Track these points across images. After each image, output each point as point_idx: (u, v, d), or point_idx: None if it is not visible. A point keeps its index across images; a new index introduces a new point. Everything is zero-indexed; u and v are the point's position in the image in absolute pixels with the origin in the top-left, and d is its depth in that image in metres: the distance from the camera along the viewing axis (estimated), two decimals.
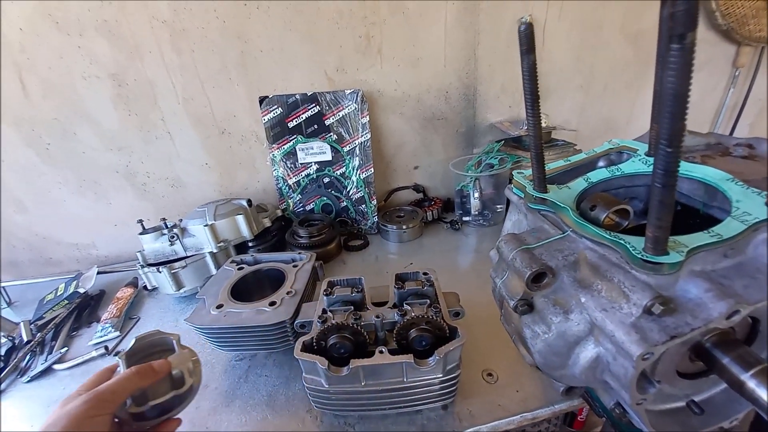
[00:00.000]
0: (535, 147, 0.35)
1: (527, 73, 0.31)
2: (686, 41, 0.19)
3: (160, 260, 0.83)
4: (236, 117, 0.98)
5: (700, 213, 0.37)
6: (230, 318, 0.60)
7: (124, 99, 0.90)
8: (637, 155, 0.42)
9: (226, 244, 0.86)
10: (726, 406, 0.34)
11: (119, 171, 0.98)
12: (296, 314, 0.59)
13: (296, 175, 1.04)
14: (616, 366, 0.28)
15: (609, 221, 0.34)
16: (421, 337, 0.50)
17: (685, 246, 0.27)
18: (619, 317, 0.27)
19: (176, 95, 0.92)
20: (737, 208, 0.30)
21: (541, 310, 0.33)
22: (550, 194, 0.38)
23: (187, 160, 1.00)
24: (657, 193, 0.24)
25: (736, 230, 0.27)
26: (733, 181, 0.33)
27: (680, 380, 0.33)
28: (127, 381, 0.38)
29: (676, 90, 0.20)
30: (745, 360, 0.27)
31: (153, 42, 0.86)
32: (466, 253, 0.97)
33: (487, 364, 0.61)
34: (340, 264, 0.97)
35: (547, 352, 0.33)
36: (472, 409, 0.55)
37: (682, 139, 0.21)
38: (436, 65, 1.03)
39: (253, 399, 0.59)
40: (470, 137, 1.17)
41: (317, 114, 0.99)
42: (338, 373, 0.48)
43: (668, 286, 0.27)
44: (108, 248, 1.07)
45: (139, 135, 0.95)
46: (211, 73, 0.92)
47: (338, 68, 0.98)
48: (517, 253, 0.33)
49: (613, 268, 0.29)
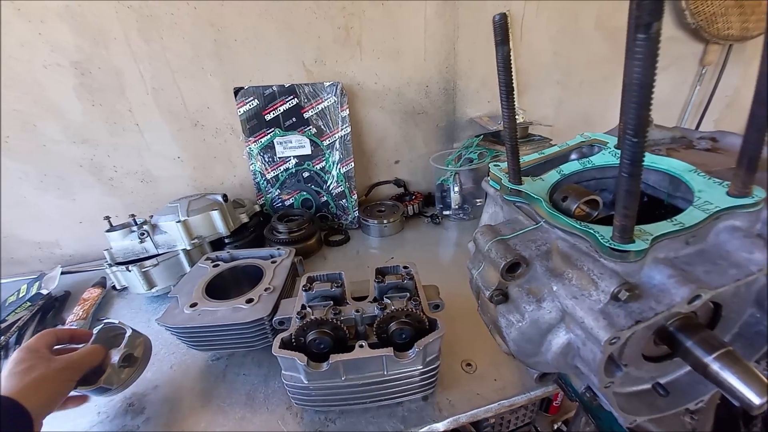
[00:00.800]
0: (510, 139, 0.36)
1: (502, 65, 0.31)
2: (652, 30, 0.19)
3: (129, 258, 0.79)
4: (210, 109, 0.95)
5: (665, 203, 0.38)
6: (205, 317, 0.58)
7: (87, 88, 0.85)
8: (607, 148, 0.43)
9: (200, 241, 0.83)
10: (691, 387, 0.36)
11: (84, 165, 0.93)
12: (275, 311, 0.58)
13: (274, 170, 1.02)
14: (585, 351, 0.29)
15: (580, 212, 0.35)
16: (401, 330, 0.50)
17: (649, 234, 0.28)
18: (588, 304, 0.28)
19: (145, 85, 0.88)
20: (699, 198, 0.31)
21: (515, 299, 0.34)
22: (525, 186, 0.38)
23: (158, 153, 0.96)
24: (623, 182, 0.24)
25: (697, 218, 0.29)
26: (696, 172, 0.34)
27: (646, 363, 0.34)
28: (92, 356, 0.49)
29: (642, 80, 0.20)
30: (708, 343, 0.28)
31: (118, 28, 0.81)
32: (446, 247, 0.98)
33: (467, 354, 0.62)
34: (320, 259, 0.95)
35: (521, 340, 0.34)
36: (451, 399, 0.55)
37: (647, 129, 0.22)
38: (417, 59, 1.03)
39: (231, 398, 0.58)
40: (450, 132, 1.18)
41: (295, 107, 0.96)
42: (318, 368, 0.48)
43: (634, 273, 0.28)
44: (73, 247, 1.02)
45: (105, 127, 0.90)
46: (183, 62, 0.88)
47: (317, 59, 0.96)
48: (493, 244, 0.34)
49: (583, 256, 0.30)
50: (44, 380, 0.41)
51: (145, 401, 0.59)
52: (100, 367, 0.51)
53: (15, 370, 0.41)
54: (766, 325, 0.32)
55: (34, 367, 0.42)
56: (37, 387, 0.40)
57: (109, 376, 0.50)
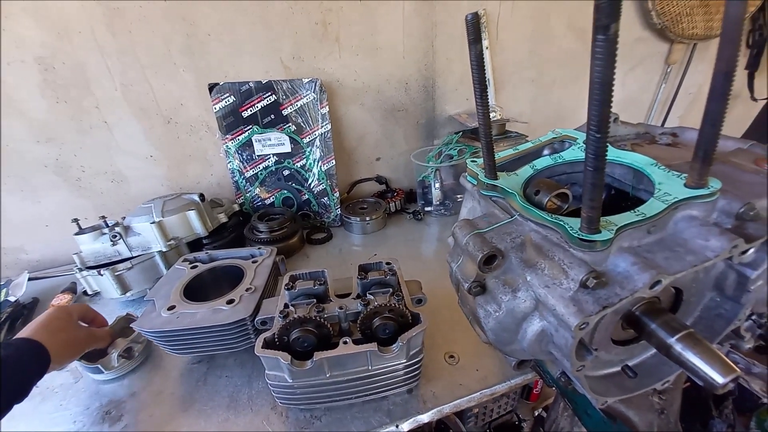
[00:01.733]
0: (484, 135, 0.37)
1: (475, 63, 0.32)
2: (610, 32, 0.20)
3: (101, 262, 0.76)
4: (184, 105, 0.92)
5: (630, 195, 0.40)
6: (184, 319, 0.57)
7: (51, 85, 0.81)
8: (576, 143, 0.45)
9: (177, 242, 0.81)
10: (657, 368, 0.38)
11: (49, 165, 0.88)
12: (257, 311, 0.57)
13: (253, 168, 1.00)
14: (558, 337, 0.31)
15: (551, 205, 0.36)
16: (385, 325, 0.51)
17: (614, 224, 0.29)
18: (559, 292, 0.29)
19: (113, 80, 0.84)
20: (659, 190, 0.33)
21: (492, 290, 0.35)
22: (500, 181, 0.40)
23: (129, 152, 0.93)
24: (589, 176, 0.25)
25: (657, 209, 0.30)
26: (657, 165, 0.36)
27: (615, 347, 0.36)
28: (105, 339, 0.60)
29: (602, 78, 0.21)
30: (670, 326, 0.30)
31: (84, 21, 0.78)
32: (428, 242, 1.00)
33: (450, 346, 0.64)
34: (303, 258, 0.95)
35: (498, 329, 0.35)
36: (435, 391, 0.57)
37: (609, 125, 0.23)
38: (396, 56, 1.03)
39: (213, 401, 0.57)
40: (430, 129, 1.19)
41: (274, 103, 0.95)
42: (302, 367, 0.48)
43: (601, 261, 0.30)
44: (40, 251, 0.97)
45: (71, 124, 0.86)
46: (154, 58, 0.85)
47: (294, 56, 0.95)
48: (470, 237, 0.35)
49: (555, 247, 0.32)
50: (69, 341, 0.51)
51: (122, 409, 0.57)
52: (105, 350, 0.60)
53: (50, 324, 0.51)
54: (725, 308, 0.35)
55: (66, 328, 0.52)
56: (61, 344, 0.50)
57: (106, 361, 0.60)
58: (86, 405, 0.58)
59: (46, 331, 0.49)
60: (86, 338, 0.55)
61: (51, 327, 0.50)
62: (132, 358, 0.63)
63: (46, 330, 0.50)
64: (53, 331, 0.50)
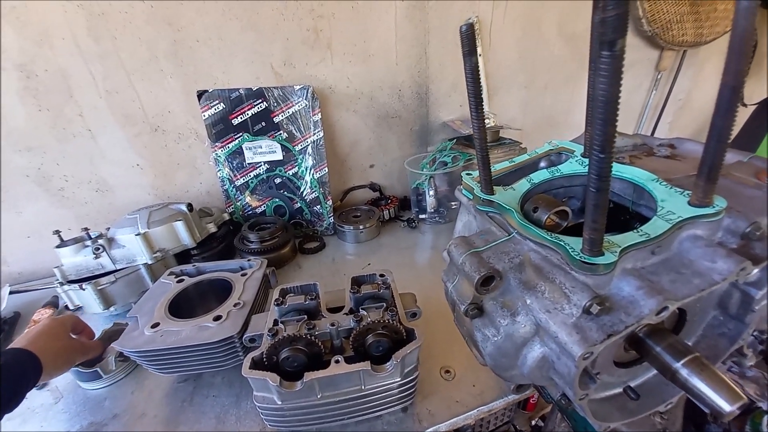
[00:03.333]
0: (480, 149, 0.35)
1: (470, 75, 0.31)
2: (616, 48, 0.19)
3: (83, 276, 0.73)
4: (171, 113, 0.90)
5: (629, 210, 0.39)
6: (168, 338, 0.54)
7: (32, 92, 0.78)
8: (574, 156, 0.44)
9: (163, 254, 0.78)
10: (660, 389, 0.37)
11: (30, 175, 0.85)
12: (245, 328, 0.55)
13: (244, 176, 0.98)
14: (560, 365, 0.29)
15: (550, 222, 0.35)
16: (378, 342, 0.49)
17: (618, 246, 0.28)
18: (561, 318, 0.28)
19: (96, 88, 0.82)
20: (662, 207, 0.32)
21: (490, 313, 0.34)
22: (497, 196, 0.38)
23: (114, 160, 0.90)
24: (592, 197, 0.24)
25: (662, 229, 0.29)
26: (658, 181, 0.35)
27: (617, 369, 0.35)
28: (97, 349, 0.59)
29: (607, 96, 0.20)
30: (676, 349, 0.29)
31: (66, 27, 0.75)
32: (423, 251, 0.98)
33: (445, 360, 0.62)
34: (295, 268, 0.92)
35: (497, 355, 0.33)
36: (431, 409, 0.55)
37: (613, 144, 0.22)
38: (388, 62, 1.02)
39: (199, 423, 0.55)
40: (424, 135, 1.18)
41: (264, 110, 0.93)
42: (292, 388, 0.45)
43: (604, 284, 0.28)
44: (21, 264, 0.93)
45: (53, 133, 0.83)
46: (139, 64, 0.82)
47: (285, 62, 0.93)
48: (467, 257, 0.33)
49: (555, 269, 0.30)
50: (62, 352, 0.52)
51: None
52: (100, 357, 0.62)
53: (44, 334, 0.51)
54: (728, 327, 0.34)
55: (59, 339, 0.53)
56: (55, 355, 0.50)
57: (105, 364, 0.61)
58: (66, 428, 0.55)
59: (40, 342, 0.50)
60: (79, 349, 0.56)
61: (45, 337, 0.51)
62: (128, 361, 0.64)
63: (40, 340, 0.50)
64: (47, 342, 0.51)
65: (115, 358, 0.62)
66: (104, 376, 0.61)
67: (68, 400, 0.60)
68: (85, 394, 0.60)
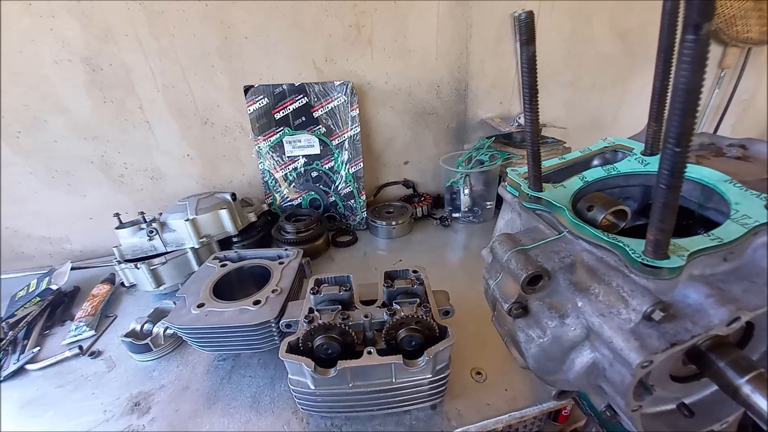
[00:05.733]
0: (531, 144, 0.34)
1: (526, 66, 0.30)
2: (702, 32, 0.18)
3: (138, 256, 0.79)
4: (220, 107, 0.94)
5: (694, 214, 0.36)
6: (212, 318, 0.57)
7: (98, 85, 0.85)
8: (633, 154, 0.41)
9: (208, 240, 0.83)
10: (716, 408, 0.34)
11: (94, 161, 0.93)
12: (282, 313, 0.57)
13: (283, 169, 1.01)
14: (612, 372, 0.27)
15: (606, 222, 0.33)
16: (411, 337, 0.49)
17: (685, 250, 0.26)
18: (617, 323, 0.26)
19: (155, 82, 0.88)
20: (736, 211, 0.29)
21: (536, 313, 0.32)
22: (546, 193, 0.37)
23: (168, 151, 0.96)
24: (661, 194, 0.22)
25: (736, 233, 0.27)
26: (731, 182, 0.32)
27: (672, 383, 0.32)
28: None
29: (689, 85, 0.19)
30: (739, 365, 0.26)
31: (129, 25, 0.81)
32: (455, 250, 0.97)
33: (477, 362, 0.61)
34: (328, 260, 0.94)
35: (541, 357, 0.32)
36: (460, 409, 0.54)
37: (691, 138, 0.20)
38: (428, 58, 1.01)
39: (236, 401, 0.57)
40: (461, 133, 1.16)
41: (305, 105, 0.95)
42: (325, 374, 0.46)
43: (667, 290, 0.26)
44: (83, 243, 1.02)
45: (116, 123, 0.90)
46: (193, 60, 0.87)
47: (327, 58, 0.95)
48: (512, 254, 0.32)
49: (611, 271, 0.28)
50: None
51: (151, 401, 0.58)
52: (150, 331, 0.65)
53: None
54: None
55: None
56: None
57: (155, 338, 0.64)
58: (117, 395, 0.60)
59: None
60: None
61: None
62: (175, 336, 0.66)
63: None
64: None
65: (164, 333, 0.65)
66: (154, 349, 0.64)
67: (120, 370, 0.65)
68: (136, 365, 0.65)
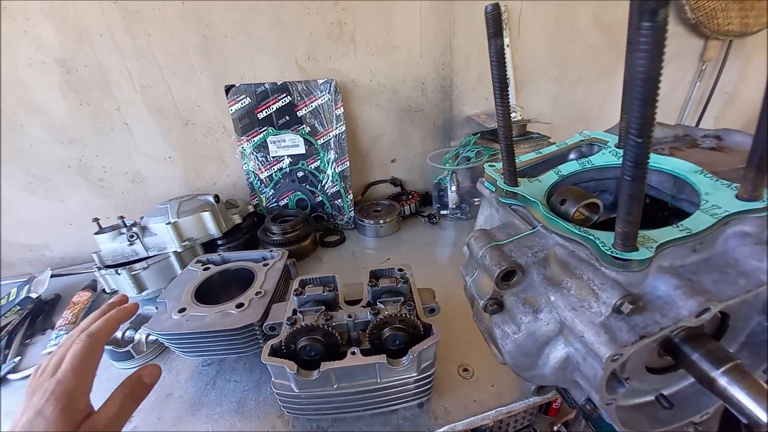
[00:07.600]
0: (504, 138, 0.34)
1: (495, 58, 0.29)
2: (658, 18, 0.17)
3: (119, 261, 0.77)
4: (201, 107, 0.93)
5: (668, 206, 0.36)
6: (193, 322, 0.56)
7: (73, 87, 0.83)
8: (607, 147, 0.41)
9: (191, 243, 0.81)
10: (696, 399, 0.34)
11: (72, 165, 0.90)
12: (265, 316, 0.56)
13: (268, 169, 1.00)
14: (585, 366, 0.27)
15: (579, 215, 0.33)
16: (395, 336, 0.49)
17: (654, 241, 0.26)
18: (588, 317, 0.26)
19: (132, 83, 0.86)
20: (706, 201, 0.29)
21: (511, 309, 0.32)
22: (521, 188, 0.37)
23: (148, 153, 0.94)
24: (626, 186, 0.22)
25: (705, 224, 0.27)
26: (702, 173, 0.32)
27: (649, 375, 0.32)
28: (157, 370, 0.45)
29: (647, 73, 0.18)
30: (715, 356, 0.26)
31: (104, 25, 0.79)
32: (443, 247, 0.96)
33: (463, 359, 0.61)
34: (315, 261, 0.94)
35: (517, 353, 0.32)
36: (447, 406, 0.54)
37: (652, 129, 0.20)
38: (412, 55, 1.00)
39: (220, 406, 0.56)
40: (447, 130, 1.15)
41: (288, 105, 0.94)
42: (308, 377, 0.46)
43: (637, 283, 0.26)
44: (63, 249, 1.00)
45: (93, 126, 0.88)
46: (171, 59, 0.86)
47: (309, 56, 0.94)
48: (487, 250, 0.32)
49: (583, 264, 0.28)
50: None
51: None
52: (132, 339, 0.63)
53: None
54: None
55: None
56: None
57: (137, 345, 0.63)
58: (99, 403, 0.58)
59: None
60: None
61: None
62: (158, 342, 0.66)
63: None
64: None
65: (146, 340, 0.64)
66: (136, 356, 0.63)
67: (101, 378, 0.62)
68: (118, 373, 0.64)
